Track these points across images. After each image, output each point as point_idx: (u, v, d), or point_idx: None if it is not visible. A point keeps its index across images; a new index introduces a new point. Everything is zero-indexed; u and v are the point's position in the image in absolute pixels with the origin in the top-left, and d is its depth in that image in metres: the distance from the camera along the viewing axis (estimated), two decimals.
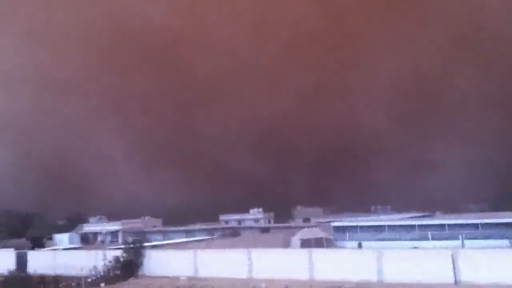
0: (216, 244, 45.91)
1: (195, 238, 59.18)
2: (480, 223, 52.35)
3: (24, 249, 49.64)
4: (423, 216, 65.84)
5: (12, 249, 48.79)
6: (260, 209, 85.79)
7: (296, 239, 52.39)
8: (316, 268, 31.94)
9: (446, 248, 34.06)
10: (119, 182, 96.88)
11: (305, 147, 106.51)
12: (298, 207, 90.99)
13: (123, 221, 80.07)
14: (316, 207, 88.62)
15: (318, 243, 51.59)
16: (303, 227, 61.21)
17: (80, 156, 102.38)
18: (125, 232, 74.69)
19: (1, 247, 54.38)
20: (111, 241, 73.52)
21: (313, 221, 72.49)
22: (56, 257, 43.52)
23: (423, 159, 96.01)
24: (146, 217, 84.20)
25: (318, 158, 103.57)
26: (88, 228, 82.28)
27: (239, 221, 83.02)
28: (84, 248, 55.88)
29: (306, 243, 49.71)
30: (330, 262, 32.05)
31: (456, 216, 61.59)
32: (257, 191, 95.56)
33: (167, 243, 51.12)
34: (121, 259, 37.15)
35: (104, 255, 38.07)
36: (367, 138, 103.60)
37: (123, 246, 41.28)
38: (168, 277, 34.89)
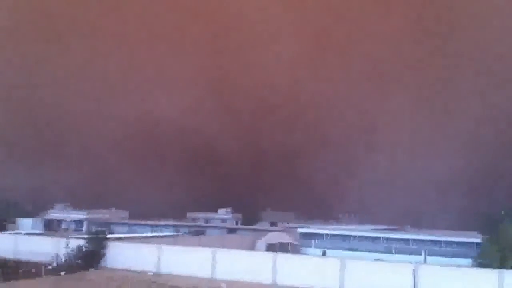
0: (181, 241, 45.65)
1: (160, 234, 58.83)
2: (444, 241, 53.38)
3: None
4: (390, 229, 66.63)
5: None
6: (229, 209, 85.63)
7: (261, 243, 52.44)
8: (279, 273, 32.10)
9: (409, 262, 34.48)
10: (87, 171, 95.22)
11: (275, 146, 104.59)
12: (267, 210, 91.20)
13: (89, 210, 79.08)
14: (285, 211, 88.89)
15: (283, 248, 51.73)
16: (270, 231, 61.43)
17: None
18: (90, 221, 73.79)
19: None
20: (75, 230, 72.51)
21: (280, 225, 72.67)
22: (18, 241, 42.78)
23: (396, 166, 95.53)
24: (113, 209, 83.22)
25: (283, 161, 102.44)
26: (53, 214, 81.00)
27: (207, 220, 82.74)
28: (47, 235, 54.97)
29: (271, 247, 49.81)
30: (293, 268, 32.29)
31: (422, 231, 62.55)
32: (226, 191, 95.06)
33: (132, 236, 50.68)
34: (84, 249, 36.72)
35: (67, 243, 37.56)
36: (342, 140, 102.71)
37: (86, 236, 40.79)
38: (130, 270, 34.61)
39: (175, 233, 61.03)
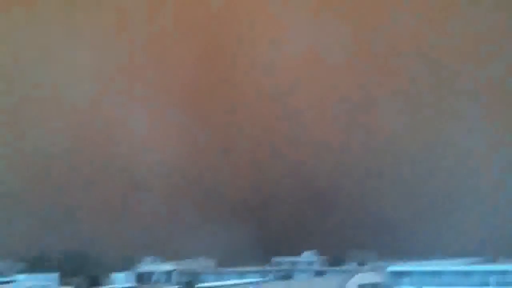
0: (270, 287, 45.71)
1: (248, 280, 59.13)
2: None
3: None
4: (484, 261, 63.59)
5: None
6: (314, 251, 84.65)
7: (352, 284, 51.47)
8: None
9: None
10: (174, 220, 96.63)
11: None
12: (353, 250, 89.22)
13: (177, 261, 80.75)
14: (371, 249, 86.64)
15: None
16: (359, 271, 60.33)
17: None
18: (179, 272, 75.24)
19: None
20: (166, 281, 74.10)
21: (368, 264, 71.19)
22: None
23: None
24: (200, 258, 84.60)
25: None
26: (144, 267, 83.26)
27: (293, 263, 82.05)
28: None
29: None
30: None
31: None
32: (309, 231, 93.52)
33: (221, 285, 51.29)
34: None
35: None
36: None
37: (176, 287, 41.73)
38: None
39: (262, 279, 61.10)
